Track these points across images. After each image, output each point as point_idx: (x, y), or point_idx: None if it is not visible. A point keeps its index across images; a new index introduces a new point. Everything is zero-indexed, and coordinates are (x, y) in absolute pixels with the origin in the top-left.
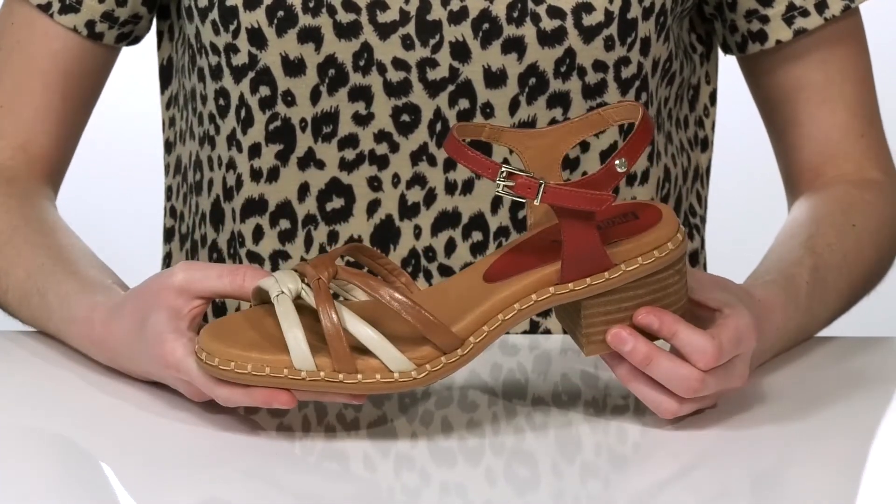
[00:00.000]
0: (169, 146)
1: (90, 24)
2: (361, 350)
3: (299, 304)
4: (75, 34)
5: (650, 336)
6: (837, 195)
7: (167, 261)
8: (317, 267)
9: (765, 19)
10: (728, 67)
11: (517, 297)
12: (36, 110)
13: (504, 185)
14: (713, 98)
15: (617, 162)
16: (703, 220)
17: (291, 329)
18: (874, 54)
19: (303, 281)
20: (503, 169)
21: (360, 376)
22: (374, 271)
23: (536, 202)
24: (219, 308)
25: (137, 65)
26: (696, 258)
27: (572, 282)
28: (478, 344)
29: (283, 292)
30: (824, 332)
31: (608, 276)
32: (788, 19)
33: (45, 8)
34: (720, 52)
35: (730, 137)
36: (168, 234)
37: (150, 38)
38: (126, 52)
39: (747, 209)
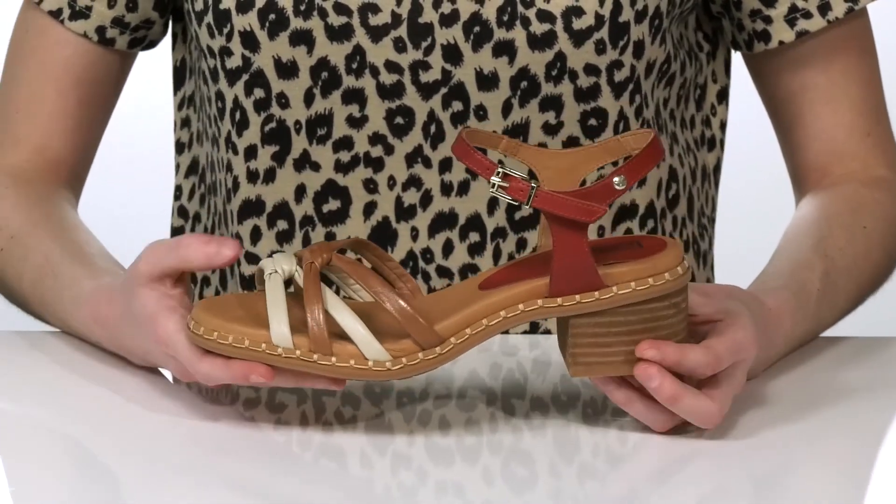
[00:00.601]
0: (181, 147)
1: (101, 30)
2: (345, 338)
3: (296, 292)
4: (86, 40)
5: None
6: (847, 194)
7: None
8: (313, 252)
9: (768, 20)
10: (738, 66)
11: (504, 304)
12: (50, 116)
13: (499, 185)
14: (721, 96)
15: (616, 179)
16: (712, 220)
17: (275, 305)
18: (879, 53)
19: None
20: (500, 169)
21: (334, 359)
22: (381, 273)
23: (527, 205)
24: None
25: (149, 65)
26: (706, 258)
27: (562, 297)
28: (458, 345)
29: (275, 272)
30: (828, 332)
31: (598, 296)
32: (791, 21)
33: (56, 14)
34: (732, 50)
35: (739, 136)
36: (175, 234)
37: (165, 39)
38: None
39: (756, 208)
